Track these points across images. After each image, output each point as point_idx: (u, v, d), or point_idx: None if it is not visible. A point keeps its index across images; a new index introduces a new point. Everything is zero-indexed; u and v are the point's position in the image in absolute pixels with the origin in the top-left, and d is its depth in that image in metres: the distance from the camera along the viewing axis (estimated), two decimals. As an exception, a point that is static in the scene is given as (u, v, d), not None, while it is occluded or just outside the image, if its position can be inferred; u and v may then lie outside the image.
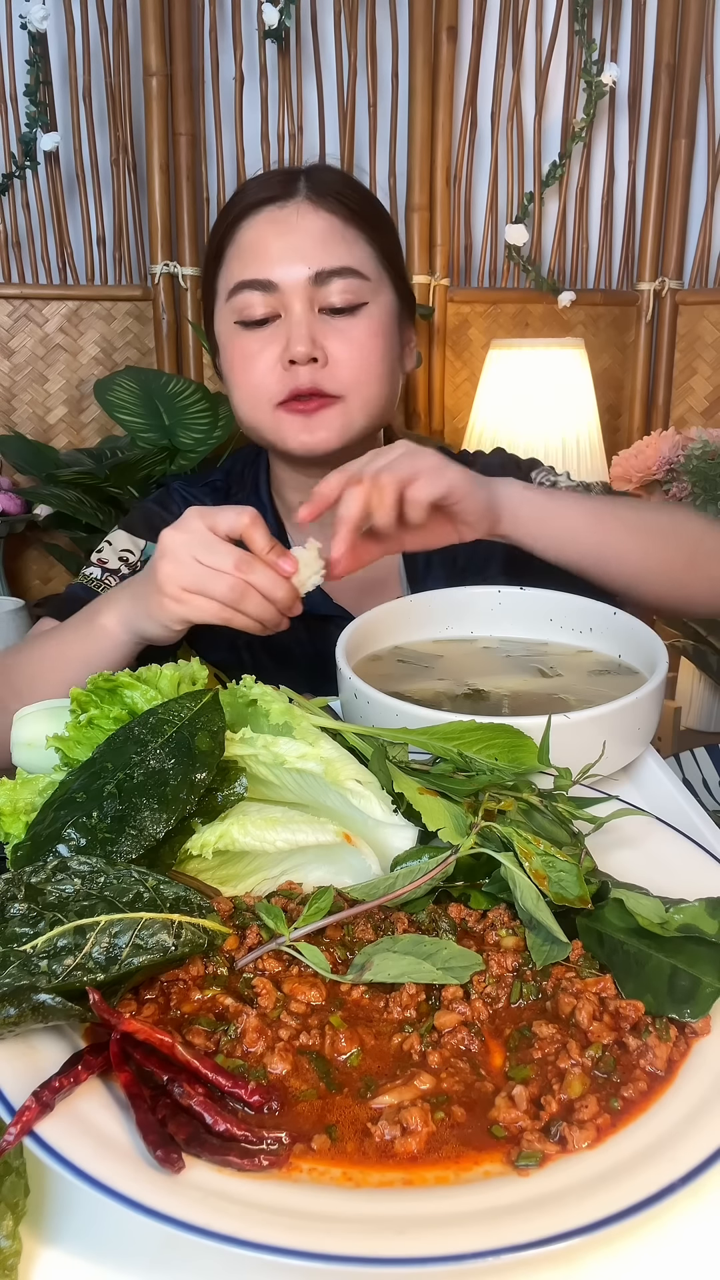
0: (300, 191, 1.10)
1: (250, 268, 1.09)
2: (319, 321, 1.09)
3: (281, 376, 1.09)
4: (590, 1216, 0.42)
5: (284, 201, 1.10)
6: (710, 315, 2.66)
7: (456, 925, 0.60)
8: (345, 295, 1.09)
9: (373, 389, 1.12)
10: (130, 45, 2.42)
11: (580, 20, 2.48)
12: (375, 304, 1.12)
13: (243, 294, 1.10)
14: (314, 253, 1.08)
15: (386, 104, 2.53)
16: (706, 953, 0.55)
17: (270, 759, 0.65)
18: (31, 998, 0.49)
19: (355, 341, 1.10)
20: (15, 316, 2.52)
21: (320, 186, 1.11)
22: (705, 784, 1.96)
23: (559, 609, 1.04)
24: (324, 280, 1.08)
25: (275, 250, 1.09)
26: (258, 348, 1.10)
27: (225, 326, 1.14)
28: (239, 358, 1.12)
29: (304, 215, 1.10)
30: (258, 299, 1.09)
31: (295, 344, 1.07)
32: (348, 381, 1.10)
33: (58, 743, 0.69)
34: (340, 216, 1.10)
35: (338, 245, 1.09)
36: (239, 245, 1.11)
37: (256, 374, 1.11)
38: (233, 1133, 0.46)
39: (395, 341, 1.16)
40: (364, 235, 1.12)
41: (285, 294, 1.08)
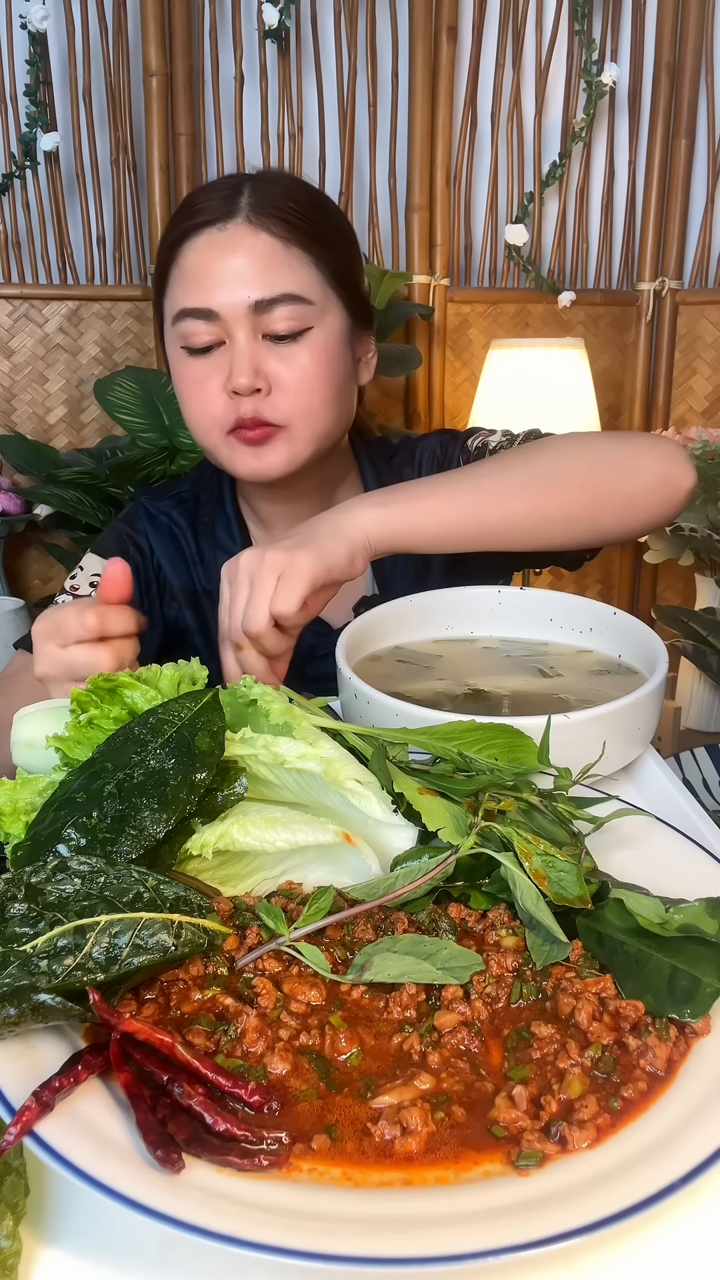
0: (240, 210, 1.07)
1: (191, 295, 1.07)
2: (262, 349, 1.07)
3: (227, 404, 1.09)
4: (590, 1216, 0.42)
5: (224, 223, 1.07)
6: (710, 315, 2.66)
7: (456, 925, 0.60)
8: (289, 322, 1.07)
9: (318, 415, 1.11)
10: (130, 45, 2.42)
11: (580, 20, 2.48)
12: (320, 327, 1.09)
13: (185, 321, 1.08)
14: (254, 280, 1.05)
15: (386, 104, 2.53)
16: (706, 953, 0.55)
17: (270, 759, 0.65)
18: (31, 998, 0.49)
19: (299, 368, 1.08)
20: (15, 316, 2.52)
21: (262, 203, 1.07)
22: (705, 784, 1.96)
23: (559, 609, 1.04)
24: (265, 308, 1.06)
25: (215, 277, 1.06)
26: (204, 373, 1.09)
27: (173, 350, 1.13)
28: (186, 384, 1.12)
29: (243, 238, 1.06)
30: (201, 327, 1.07)
31: (237, 375, 1.06)
32: (291, 410, 1.09)
33: (58, 743, 0.69)
34: (282, 237, 1.07)
35: (279, 270, 1.06)
36: (181, 269, 1.09)
37: (203, 401, 1.10)
38: (233, 1133, 0.46)
39: (344, 360, 1.14)
40: (309, 256, 1.08)
41: (227, 322, 1.06)
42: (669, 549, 2.42)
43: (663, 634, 1.09)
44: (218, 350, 1.09)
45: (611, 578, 2.84)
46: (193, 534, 1.26)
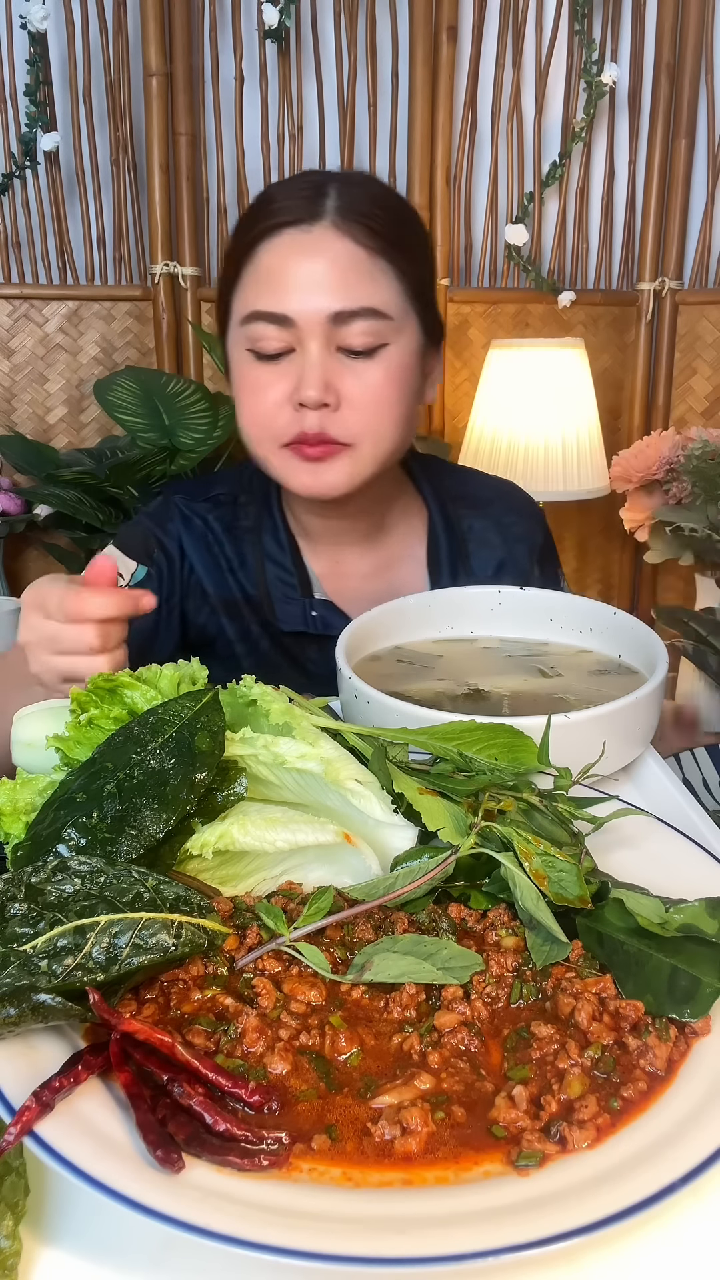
0: (326, 213, 1.02)
1: (266, 297, 1.02)
2: (334, 361, 1.02)
3: (291, 417, 1.04)
4: (590, 1216, 0.42)
5: (308, 225, 1.02)
6: (710, 315, 2.66)
7: (456, 925, 0.60)
8: (365, 337, 1.02)
9: (385, 435, 1.06)
10: (130, 45, 2.42)
11: (580, 20, 2.48)
12: (396, 345, 1.04)
13: (256, 324, 1.03)
14: (335, 290, 1.00)
15: (386, 104, 2.53)
16: (706, 953, 0.55)
17: (270, 759, 0.65)
18: (31, 998, 0.49)
19: (371, 387, 1.03)
20: (15, 316, 2.52)
21: (348, 208, 1.02)
22: (705, 784, 1.96)
23: (559, 609, 1.05)
24: (344, 320, 1.01)
25: (294, 282, 1.01)
26: (268, 381, 1.04)
27: (237, 351, 1.07)
28: (247, 389, 1.06)
29: (328, 244, 1.01)
30: (272, 332, 1.02)
31: (306, 388, 1.01)
32: (359, 429, 1.04)
33: (58, 743, 0.69)
34: (367, 247, 1.02)
35: (361, 282, 1.01)
36: (256, 268, 1.04)
37: (264, 410, 1.05)
38: (233, 1133, 0.46)
39: (414, 379, 1.09)
40: (392, 268, 1.03)
41: (301, 330, 1.01)
42: (669, 549, 2.42)
43: (663, 634, 1.09)
44: (286, 359, 1.03)
45: (611, 578, 2.84)
46: (230, 539, 1.20)
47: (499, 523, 1.25)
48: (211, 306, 2.54)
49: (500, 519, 1.25)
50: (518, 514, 1.27)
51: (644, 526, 2.44)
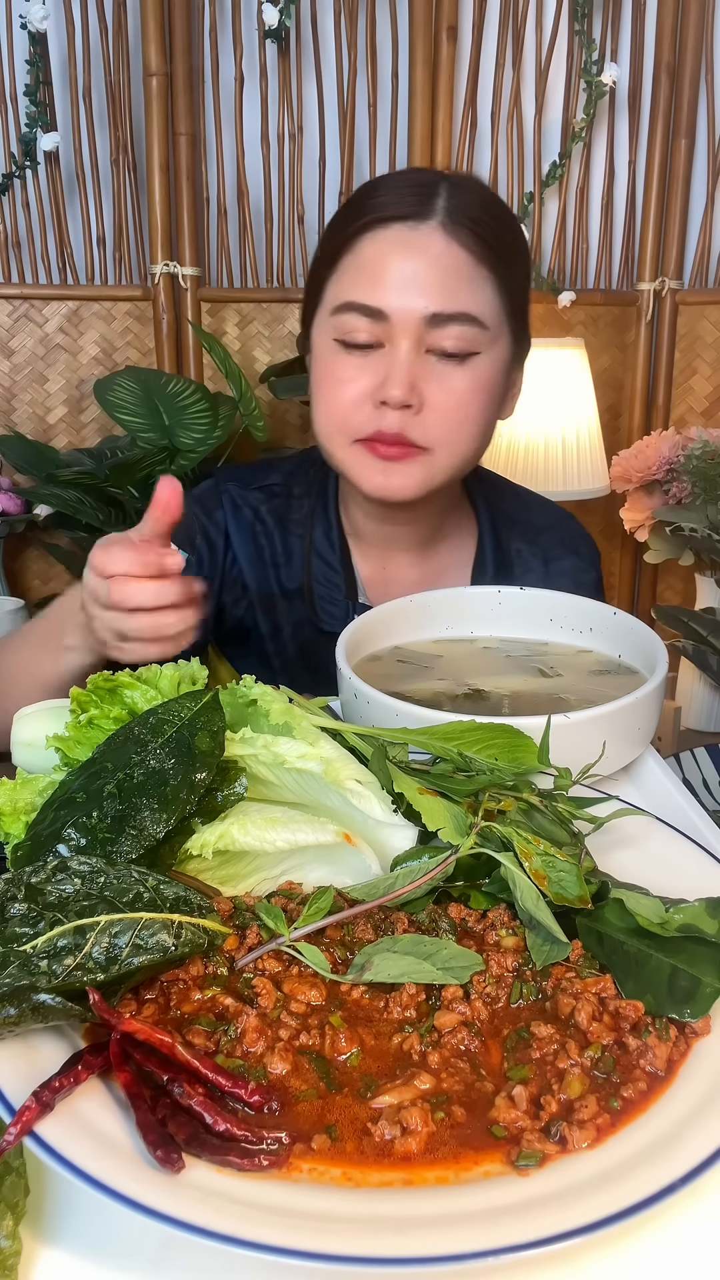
0: (436, 213, 1.00)
1: (364, 289, 1.00)
2: (422, 363, 1.01)
3: (370, 414, 1.02)
4: (590, 1216, 0.42)
5: (417, 222, 1.00)
6: (710, 315, 2.66)
7: (456, 925, 0.60)
8: (458, 342, 1.00)
9: (463, 445, 1.05)
10: (130, 45, 2.42)
11: (580, 20, 2.48)
12: (488, 355, 1.03)
13: (349, 315, 1.01)
14: (436, 291, 0.99)
15: (386, 104, 2.53)
16: (706, 953, 0.55)
17: (270, 759, 0.65)
18: (31, 998, 0.49)
19: (456, 394, 1.01)
20: (15, 316, 2.52)
21: (458, 211, 1.00)
22: (705, 784, 1.96)
23: (559, 609, 1.04)
24: (439, 323, 0.99)
25: (394, 278, 0.99)
26: (351, 374, 1.02)
27: (323, 340, 1.05)
28: (328, 380, 1.04)
29: (434, 244, 0.99)
30: (364, 324, 1.00)
31: (392, 386, 0.99)
32: (438, 435, 1.02)
33: (58, 743, 0.69)
34: (474, 252, 1.00)
35: (462, 287, 1.00)
36: (358, 258, 1.02)
37: (343, 403, 1.03)
38: (233, 1133, 0.46)
39: (499, 393, 1.08)
40: (494, 277, 1.02)
41: (394, 327, 0.99)
42: (669, 549, 2.42)
43: (663, 634, 1.09)
44: (374, 353, 1.01)
45: (611, 578, 2.84)
46: (280, 531, 1.18)
47: (547, 554, 1.23)
48: (211, 306, 2.54)
49: (549, 550, 1.23)
50: (567, 549, 1.25)
51: (644, 526, 2.44)
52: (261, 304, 2.55)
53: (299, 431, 2.63)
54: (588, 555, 1.27)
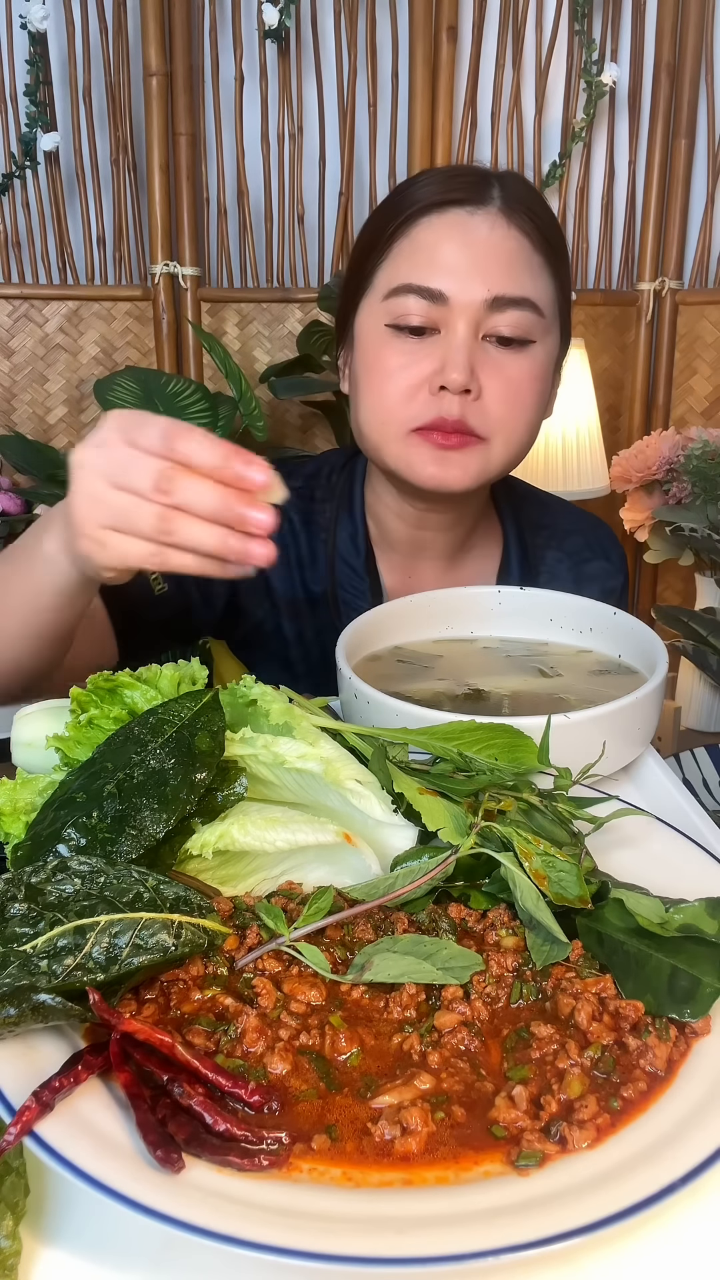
0: (494, 200, 0.99)
1: (422, 271, 0.98)
2: (479, 349, 0.98)
3: (426, 401, 0.99)
4: (590, 1216, 0.42)
5: (475, 207, 0.98)
6: (710, 315, 2.66)
7: (456, 925, 0.60)
8: (517, 329, 0.98)
9: (519, 434, 1.03)
10: (130, 45, 2.42)
11: (580, 20, 2.48)
12: (543, 345, 1.02)
13: (405, 297, 0.98)
14: (497, 274, 0.97)
15: (386, 104, 2.53)
16: (706, 953, 0.55)
17: (270, 759, 0.65)
18: (31, 998, 0.49)
19: (514, 381, 0.99)
20: (15, 316, 2.52)
21: (514, 199, 1.00)
22: (705, 784, 1.96)
23: (559, 609, 1.04)
24: (499, 307, 0.97)
25: (454, 260, 0.97)
26: (404, 361, 0.99)
27: (372, 326, 1.02)
28: (379, 368, 1.00)
29: (495, 229, 0.98)
30: (420, 306, 0.98)
31: (451, 370, 0.96)
32: (496, 423, 1.00)
33: (57, 743, 0.69)
34: (531, 239, 0.99)
35: (523, 272, 0.99)
36: (414, 242, 0.99)
37: (396, 391, 1.00)
38: (233, 1133, 0.46)
39: (549, 387, 1.07)
40: (549, 267, 1.02)
41: (453, 310, 0.97)
42: (669, 549, 2.42)
43: (663, 634, 1.09)
44: (428, 338, 0.99)
45: (611, 578, 2.84)
46: (306, 533, 1.15)
47: (575, 559, 1.22)
48: (211, 306, 2.54)
49: (577, 555, 1.22)
50: (596, 554, 1.23)
51: (644, 526, 2.44)
52: (261, 304, 2.55)
53: (299, 431, 2.63)
54: (617, 559, 1.26)
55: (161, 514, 0.65)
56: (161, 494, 0.64)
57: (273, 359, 2.57)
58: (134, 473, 0.65)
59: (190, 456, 0.65)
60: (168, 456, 0.65)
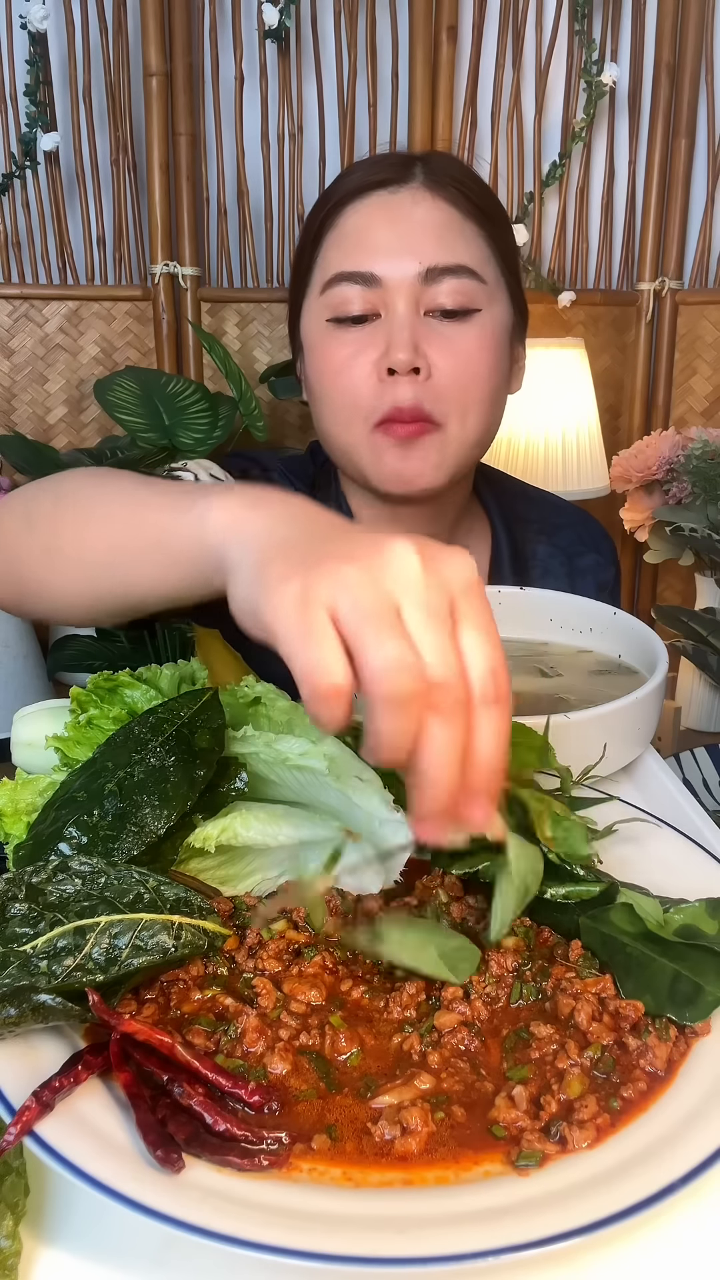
0: (416, 177, 0.98)
1: (351, 258, 0.97)
2: (423, 325, 0.96)
3: (378, 389, 0.97)
4: (590, 1216, 0.42)
5: (396, 186, 0.97)
6: (710, 315, 2.66)
7: (457, 925, 0.60)
8: (457, 297, 0.96)
9: (476, 412, 0.99)
10: (130, 45, 2.42)
11: (580, 20, 2.48)
12: (489, 312, 0.99)
13: (340, 287, 0.97)
14: (426, 246, 0.95)
15: (386, 104, 2.53)
16: (711, 961, 0.54)
17: (271, 756, 0.65)
18: (31, 998, 0.49)
19: (463, 353, 0.97)
20: (15, 316, 2.52)
21: (438, 173, 0.99)
22: (705, 784, 1.96)
23: (559, 609, 1.04)
24: (434, 278, 0.96)
25: (382, 240, 0.96)
26: (351, 351, 0.97)
27: (315, 324, 1.01)
28: (329, 364, 0.99)
29: (419, 203, 0.97)
30: (356, 293, 0.96)
31: (396, 350, 0.94)
32: (451, 401, 0.97)
33: (57, 743, 0.69)
34: (460, 209, 0.98)
35: (454, 240, 0.97)
36: (340, 232, 0.99)
37: (349, 384, 0.98)
38: (233, 1133, 0.46)
39: (505, 357, 1.03)
40: (483, 232, 0.99)
41: (388, 290, 0.96)
42: (669, 549, 2.42)
43: (663, 634, 1.09)
44: (370, 324, 0.97)
45: (611, 578, 2.84)
46: None
47: (567, 553, 1.21)
48: (211, 306, 2.54)
49: (569, 549, 1.21)
50: (588, 547, 1.22)
51: (644, 526, 2.44)
52: (261, 304, 2.55)
53: (299, 431, 2.63)
54: (608, 552, 1.25)
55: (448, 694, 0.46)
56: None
57: (273, 359, 2.57)
58: (443, 635, 0.46)
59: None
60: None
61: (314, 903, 0.59)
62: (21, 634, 2.27)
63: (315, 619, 0.45)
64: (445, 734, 0.45)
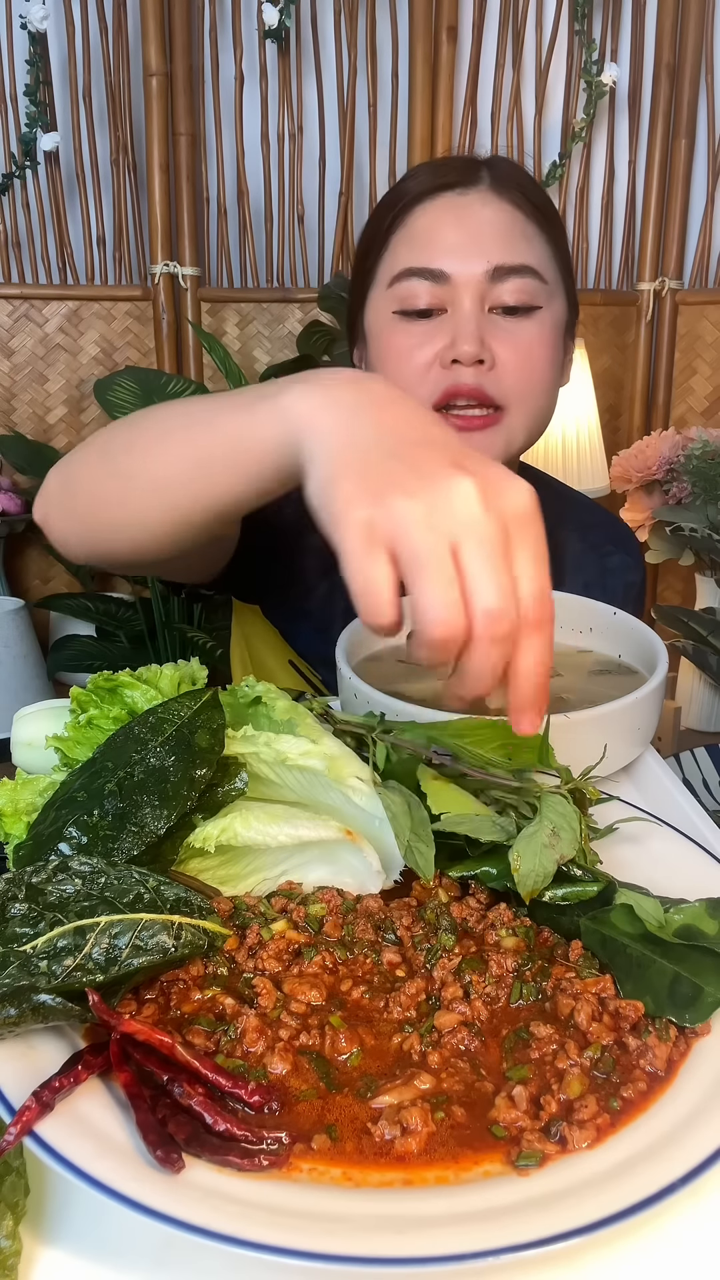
0: (483, 180, 1.03)
1: (421, 255, 1.01)
2: (488, 321, 1.01)
3: (441, 375, 1.00)
4: (590, 1216, 0.42)
5: (464, 189, 1.02)
6: (710, 315, 2.66)
7: (457, 925, 0.60)
8: (520, 295, 1.01)
9: (536, 401, 1.04)
10: (130, 45, 2.42)
11: (580, 20, 2.48)
12: (549, 309, 1.04)
13: (408, 281, 1.01)
14: (494, 246, 1.00)
15: (386, 104, 2.53)
16: (712, 963, 0.54)
17: (272, 756, 0.65)
18: (31, 998, 0.48)
19: (524, 347, 1.01)
20: (15, 316, 2.52)
21: (502, 177, 1.03)
22: (705, 784, 1.96)
23: (559, 609, 1.03)
24: (501, 277, 1.00)
25: (451, 239, 1.01)
26: (415, 343, 1.01)
27: (380, 316, 1.05)
28: (392, 352, 1.03)
29: (486, 205, 1.02)
30: (424, 288, 1.01)
31: (462, 342, 0.98)
32: (512, 389, 1.01)
33: (57, 743, 0.69)
34: (524, 210, 1.03)
35: (519, 241, 1.01)
36: (410, 230, 1.03)
37: (411, 372, 1.01)
38: (233, 1133, 0.46)
39: (560, 352, 1.08)
40: (544, 234, 1.04)
41: (456, 287, 1.00)
42: (669, 549, 2.42)
43: (663, 634, 1.09)
44: (436, 319, 1.01)
45: (611, 578, 2.84)
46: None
47: (598, 550, 1.22)
48: (211, 306, 2.54)
49: (599, 546, 1.23)
50: (618, 547, 1.24)
51: (644, 526, 2.44)
52: (261, 304, 2.55)
53: (299, 431, 2.63)
54: (636, 554, 1.26)
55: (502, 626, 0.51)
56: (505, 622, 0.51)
57: (273, 359, 2.57)
58: (501, 572, 0.51)
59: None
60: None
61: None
62: (21, 634, 2.27)
63: (375, 554, 0.50)
64: (492, 654, 0.51)
